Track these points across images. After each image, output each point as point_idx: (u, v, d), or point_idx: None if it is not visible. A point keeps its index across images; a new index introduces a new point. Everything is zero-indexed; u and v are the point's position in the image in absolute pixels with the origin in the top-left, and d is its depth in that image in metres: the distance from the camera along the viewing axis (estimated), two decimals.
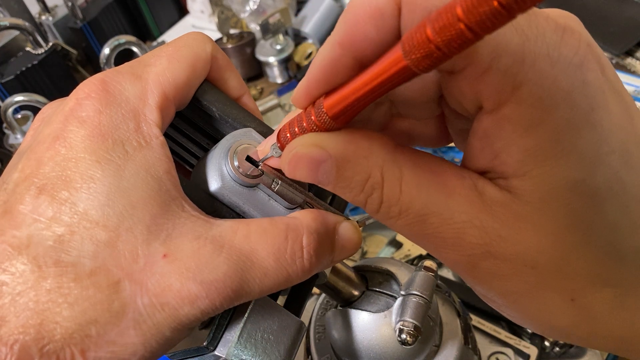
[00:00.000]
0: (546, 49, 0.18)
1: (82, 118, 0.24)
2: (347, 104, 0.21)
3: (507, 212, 0.20)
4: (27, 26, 1.04)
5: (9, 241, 0.22)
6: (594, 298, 0.21)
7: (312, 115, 0.23)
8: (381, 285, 0.40)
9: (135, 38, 1.00)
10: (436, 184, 0.21)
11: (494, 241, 0.21)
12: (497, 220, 0.21)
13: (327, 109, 0.22)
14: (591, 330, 0.22)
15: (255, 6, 1.10)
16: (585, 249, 0.20)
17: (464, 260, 0.22)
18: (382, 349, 0.37)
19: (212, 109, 0.30)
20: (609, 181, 0.20)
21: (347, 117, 0.22)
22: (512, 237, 0.20)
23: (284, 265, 0.25)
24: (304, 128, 0.23)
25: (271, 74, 1.14)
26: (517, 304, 0.23)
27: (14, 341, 0.20)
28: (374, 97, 0.20)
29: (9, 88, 1.07)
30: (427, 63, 0.17)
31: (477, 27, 0.15)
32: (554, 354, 0.62)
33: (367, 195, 0.22)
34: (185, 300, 0.22)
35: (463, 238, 0.21)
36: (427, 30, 0.16)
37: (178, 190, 0.25)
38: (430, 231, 0.22)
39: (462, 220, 0.21)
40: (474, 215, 0.21)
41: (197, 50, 0.28)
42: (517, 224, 0.20)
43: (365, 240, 0.77)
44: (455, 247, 0.22)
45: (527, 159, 0.19)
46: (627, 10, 0.98)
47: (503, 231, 0.20)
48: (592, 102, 0.19)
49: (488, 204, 0.21)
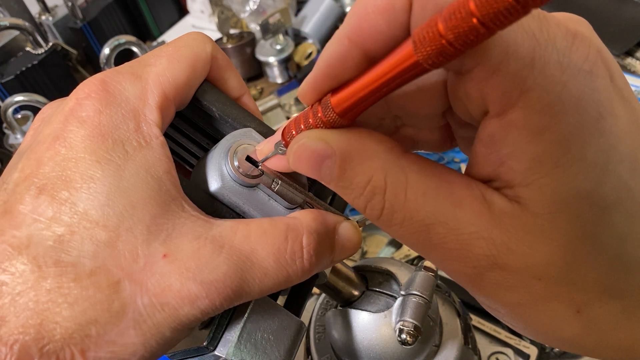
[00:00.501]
0: (556, 54, 0.18)
1: (82, 118, 0.24)
2: (355, 100, 0.21)
3: (516, 224, 0.20)
4: (27, 26, 1.04)
5: (9, 241, 0.22)
6: (601, 310, 0.21)
7: (318, 112, 0.22)
8: (381, 285, 0.40)
9: (135, 38, 1.00)
10: (443, 192, 0.21)
11: (501, 253, 0.20)
12: (506, 232, 0.20)
13: (335, 105, 0.22)
14: (597, 341, 0.22)
15: (255, 6, 1.10)
16: (594, 260, 0.20)
17: (469, 271, 0.21)
18: (382, 349, 0.37)
19: (212, 109, 0.30)
20: (618, 190, 0.19)
21: (354, 114, 0.22)
22: (520, 249, 0.20)
23: (284, 266, 0.25)
24: (309, 124, 0.23)
25: (271, 74, 1.13)
26: (522, 315, 0.22)
27: (14, 341, 0.20)
28: (383, 93, 0.20)
29: (9, 88, 1.07)
30: (438, 59, 0.17)
31: (490, 22, 0.15)
32: (554, 354, 0.62)
33: (367, 200, 0.22)
34: (185, 300, 0.22)
35: (469, 249, 0.21)
36: (438, 25, 0.16)
37: (178, 190, 0.25)
38: (435, 241, 0.21)
39: (469, 231, 0.20)
40: (481, 226, 0.20)
41: (197, 50, 0.28)
42: (526, 237, 0.20)
43: (365, 240, 0.77)
44: (460, 258, 0.21)
45: (534, 167, 0.19)
46: (627, 10, 0.98)
47: (511, 243, 0.20)
48: (600, 110, 0.19)
49: (496, 215, 0.20)
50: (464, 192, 0.21)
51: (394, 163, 0.21)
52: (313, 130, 0.23)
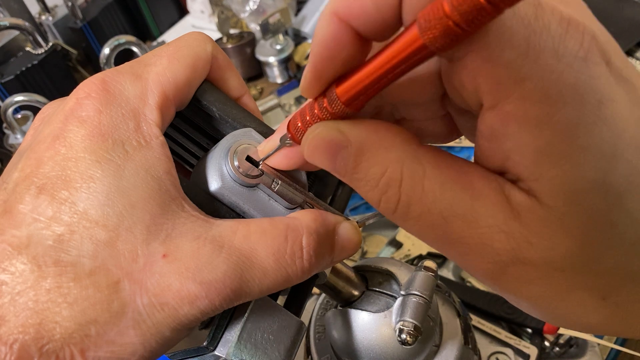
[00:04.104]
0: (551, 42, 0.18)
1: (82, 118, 0.24)
2: (361, 88, 0.20)
3: (534, 218, 0.19)
4: (27, 26, 1.04)
5: (9, 240, 0.22)
6: (627, 295, 0.21)
7: (324, 102, 0.22)
8: (381, 285, 0.40)
9: (135, 38, 1.00)
10: (462, 184, 0.20)
11: (522, 247, 0.20)
12: (525, 226, 0.20)
13: (341, 94, 0.21)
14: (626, 323, 0.22)
15: (255, 6, 1.10)
16: (614, 248, 0.20)
17: (489, 267, 0.21)
18: (382, 349, 0.37)
19: (212, 109, 0.30)
20: (630, 176, 0.19)
21: (360, 103, 0.21)
22: (540, 243, 0.20)
23: (284, 266, 0.25)
24: (315, 116, 0.22)
25: (271, 74, 1.13)
26: (547, 306, 0.22)
27: (14, 340, 0.20)
28: (389, 80, 0.19)
29: (9, 88, 1.07)
30: (445, 41, 0.16)
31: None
32: (554, 354, 0.62)
33: (382, 192, 0.21)
34: (185, 300, 0.22)
35: (489, 244, 0.20)
36: (444, 5, 0.15)
37: (178, 190, 0.25)
38: (454, 236, 0.20)
39: (488, 225, 0.20)
40: (501, 220, 0.20)
41: (197, 50, 0.28)
42: (545, 230, 0.19)
43: (365, 240, 0.77)
44: (480, 253, 0.20)
45: (540, 160, 0.18)
46: (627, 10, 0.98)
47: (531, 237, 0.20)
48: (599, 97, 0.18)
49: (515, 209, 0.20)
50: (482, 184, 0.20)
51: (411, 154, 0.21)
52: (328, 121, 0.22)
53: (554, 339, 0.61)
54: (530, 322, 0.62)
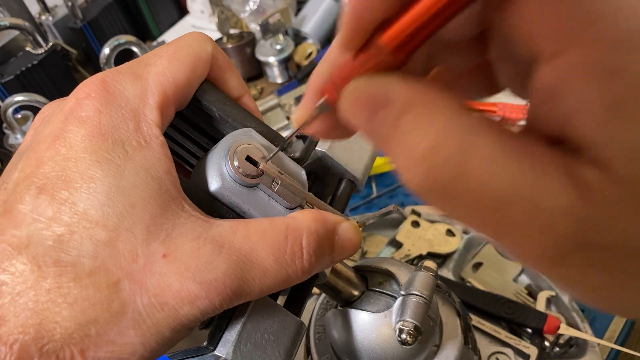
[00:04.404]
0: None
1: (82, 118, 0.24)
2: (414, 29, 0.17)
3: (606, 195, 0.16)
4: (27, 26, 1.04)
5: (9, 241, 0.22)
6: None
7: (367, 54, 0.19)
8: (381, 285, 0.40)
9: (135, 38, 1.00)
10: (523, 159, 0.17)
11: (589, 230, 0.17)
12: (594, 207, 0.16)
13: (388, 40, 0.18)
14: None
15: (255, 6, 1.10)
16: None
17: (548, 254, 0.18)
18: (382, 349, 0.37)
19: (212, 109, 0.30)
20: None
21: (409, 49, 0.18)
22: (613, 224, 0.16)
23: (284, 266, 0.25)
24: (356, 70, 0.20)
25: (271, 74, 1.14)
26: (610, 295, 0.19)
27: (14, 340, 0.20)
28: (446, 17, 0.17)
29: (9, 88, 1.07)
30: None
31: None
32: (554, 354, 0.62)
33: (421, 162, 0.17)
34: (185, 300, 0.23)
35: (551, 229, 0.17)
36: None
37: (178, 190, 0.25)
38: (509, 220, 0.17)
39: (551, 206, 0.17)
40: (566, 201, 0.16)
41: (197, 50, 0.28)
42: (619, 208, 0.16)
43: (365, 240, 0.77)
44: (538, 239, 0.17)
45: (611, 119, 0.15)
46: None
47: (602, 218, 0.16)
48: None
49: (583, 186, 0.16)
50: (546, 158, 0.17)
51: (463, 120, 0.17)
52: (372, 75, 0.19)
53: (554, 339, 0.61)
54: (530, 322, 0.62)
